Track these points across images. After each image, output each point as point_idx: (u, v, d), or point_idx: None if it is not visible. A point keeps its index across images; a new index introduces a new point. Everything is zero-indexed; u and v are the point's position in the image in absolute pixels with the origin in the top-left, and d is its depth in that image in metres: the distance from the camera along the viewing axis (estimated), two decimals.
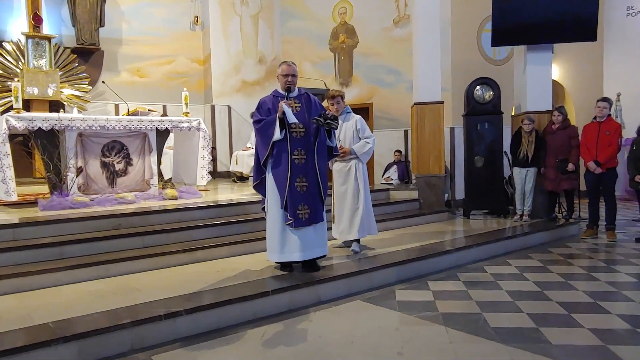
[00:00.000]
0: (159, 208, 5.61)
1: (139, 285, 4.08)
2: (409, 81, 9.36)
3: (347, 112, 5.26)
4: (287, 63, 4.42)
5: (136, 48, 10.60)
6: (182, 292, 3.83)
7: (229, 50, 11.17)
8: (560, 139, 6.78)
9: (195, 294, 3.80)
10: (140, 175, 6.43)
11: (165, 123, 6.57)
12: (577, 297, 4.11)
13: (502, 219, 7.30)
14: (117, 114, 9.81)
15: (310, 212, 4.29)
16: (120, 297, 3.75)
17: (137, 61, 10.62)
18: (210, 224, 5.41)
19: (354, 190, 5.14)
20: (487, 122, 7.48)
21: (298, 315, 3.77)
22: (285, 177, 4.22)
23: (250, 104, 9.84)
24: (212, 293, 3.81)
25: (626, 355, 2.98)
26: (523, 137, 6.96)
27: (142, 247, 4.86)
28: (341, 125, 5.16)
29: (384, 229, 6.36)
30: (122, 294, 3.82)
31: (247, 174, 9.29)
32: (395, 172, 9.60)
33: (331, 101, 5.17)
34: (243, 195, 6.89)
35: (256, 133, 4.34)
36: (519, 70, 7.70)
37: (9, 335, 3.01)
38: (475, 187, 7.52)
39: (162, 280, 4.24)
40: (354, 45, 10.88)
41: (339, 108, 5.18)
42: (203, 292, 3.83)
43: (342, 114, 5.21)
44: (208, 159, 6.89)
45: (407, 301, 4.08)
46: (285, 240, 4.28)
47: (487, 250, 5.67)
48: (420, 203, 7.60)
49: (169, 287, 3.99)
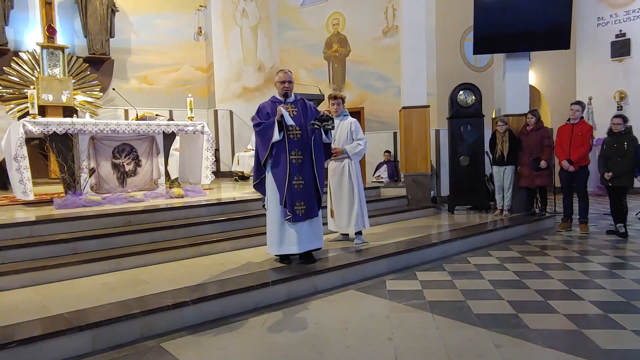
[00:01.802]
0: (166, 206, 5.60)
1: (148, 277, 4.07)
2: (397, 87, 9.37)
3: (345, 114, 5.26)
4: (284, 71, 4.43)
5: (144, 57, 10.56)
6: (188, 283, 3.83)
7: (231, 59, 11.15)
8: (534, 139, 6.80)
9: (201, 285, 3.79)
10: (148, 175, 6.41)
11: (172, 127, 6.55)
12: (552, 285, 4.13)
13: (484, 214, 7.32)
14: (126, 119, 9.77)
15: (307, 208, 4.30)
16: (131, 288, 3.74)
17: (145, 69, 10.58)
18: (214, 220, 5.40)
19: (349, 187, 5.15)
20: (469, 125, 7.50)
21: (296, 304, 3.78)
22: (284, 176, 4.22)
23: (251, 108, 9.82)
24: (216, 284, 3.81)
25: (598, 338, 2.99)
26: (497, 137, 6.99)
27: (150, 242, 4.85)
28: (338, 126, 5.16)
29: (375, 223, 6.36)
30: (132, 286, 3.81)
31: (248, 173, 9.28)
32: (385, 171, 9.60)
33: (332, 101, 5.21)
34: (244, 194, 6.88)
35: (256, 135, 4.35)
36: (499, 76, 7.71)
37: (27, 325, 3.00)
38: (459, 184, 7.54)
39: (170, 272, 4.23)
40: (346, 53, 10.88)
41: (338, 109, 5.21)
42: (208, 284, 3.83)
43: (339, 115, 5.22)
44: (211, 160, 6.87)
45: (397, 290, 4.09)
46: (283, 235, 4.29)
47: (471, 243, 5.70)
48: (408, 199, 7.61)
49: (176, 279, 3.98)
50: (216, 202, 5.92)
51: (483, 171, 7.58)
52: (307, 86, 9.38)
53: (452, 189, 7.66)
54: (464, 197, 7.57)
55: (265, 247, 4.49)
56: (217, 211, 5.76)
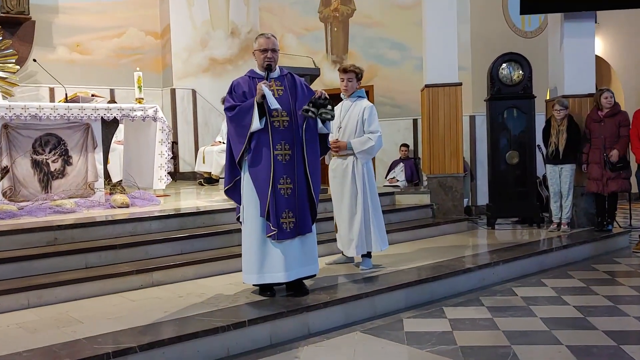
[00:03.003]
0: (105, 218, 5.57)
1: (80, 315, 4.04)
2: (417, 58, 9.38)
3: (359, 96, 5.25)
4: (266, 35, 4.44)
5: (76, 18, 10.53)
6: (135, 323, 3.80)
7: (194, 20, 11.15)
8: (609, 127, 6.80)
9: (152, 325, 3.77)
10: (81, 177, 6.38)
11: (114, 111, 6.53)
12: (628, 324, 4.13)
13: (536, 229, 7.34)
14: (52, 101, 9.73)
15: (297, 221, 4.30)
16: (57, 330, 3.71)
17: (77, 34, 10.55)
18: (170, 238, 5.38)
19: (351, 194, 5.15)
20: (515, 109, 7.53)
21: (282, 352, 3.76)
22: (266, 178, 4.22)
23: (221, 87, 9.81)
24: (174, 324, 3.78)
25: None
26: (552, 126, 7.02)
27: (84, 267, 4.82)
28: (347, 110, 5.13)
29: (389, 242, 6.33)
30: (59, 327, 3.78)
31: (217, 175, 9.26)
32: (401, 171, 9.61)
33: (342, 75, 5.18)
34: (212, 202, 6.87)
35: (229, 123, 4.34)
36: (555, 45, 7.75)
37: None
38: (502, 189, 7.55)
39: (111, 308, 4.20)
40: (349, 13, 10.91)
41: (349, 87, 5.18)
42: (162, 324, 3.81)
43: (352, 96, 5.21)
44: (167, 157, 6.86)
45: (418, 332, 4.08)
46: (265, 257, 4.28)
47: (518, 268, 5.70)
48: (433, 210, 7.62)
49: (119, 317, 3.96)
50: (174, 213, 5.91)
51: (534, 172, 7.61)
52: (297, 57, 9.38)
53: (493, 195, 7.67)
54: (509, 206, 7.58)
55: (241, 274, 4.47)
56: (175, 225, 5.74)
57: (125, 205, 6.34)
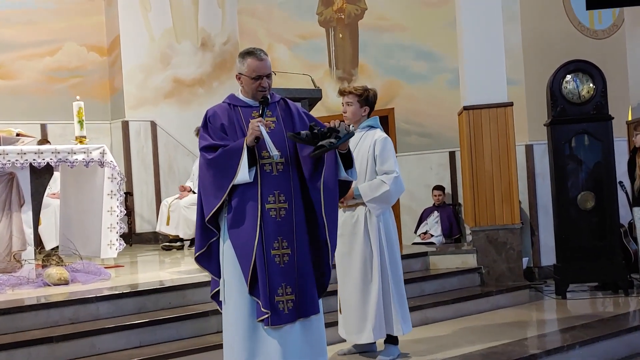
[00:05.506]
0: (37, 301, 5.57)
1: None
2: (452, 70, 9.49)
3: (370, 125, 5.27)
4: (258, 56, 4.29)
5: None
6: None
7: (151, 30, 11.26)
8: None
9: None
10: (3, 245, 6.39)
11: (46, 155, 6.57)
12: None
13: (623, 297, 7.30)
14: None
15: (297, 299, 4.27)
16: None
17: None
18: (125, 326, 5.36)
19: (363, 257, 5.14)
20: (587, 134, 7.56)
21: None
22: (250, 242, 4.19)
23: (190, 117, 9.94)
24: None
25: None
26: (638, 156, 7.05)
27: None
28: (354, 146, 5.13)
29: (422, 321, 6.34)
30: None
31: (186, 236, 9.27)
32: (436, 223, 9.62)
33: (343, 99, 5.27)
34: (180, 274, 6.87)
35: (204, 168, 4.28)
36: (635, 47, 7.82)
37: None
38: (574, 244, 7.53)
39: None
40: (358, 14, 11.02)
41: (349, 114, 5.20)
42: None
43: (360, 126, 5.22)
44: (119, 214, 6.88)
45: None
46: (255, 350, 4.24)
47: (600, 352, 5.67)
48: (481, 275, 7.61)
49: None
50: (129, 291, 5.90)
51: (617, 219, 7.59)
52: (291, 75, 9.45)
53: (562, 253, 7.64)
54: (584, 267, 7.54)
55: None
56: (131, 308, 5.72)
57: (63, 282, 6.32)
